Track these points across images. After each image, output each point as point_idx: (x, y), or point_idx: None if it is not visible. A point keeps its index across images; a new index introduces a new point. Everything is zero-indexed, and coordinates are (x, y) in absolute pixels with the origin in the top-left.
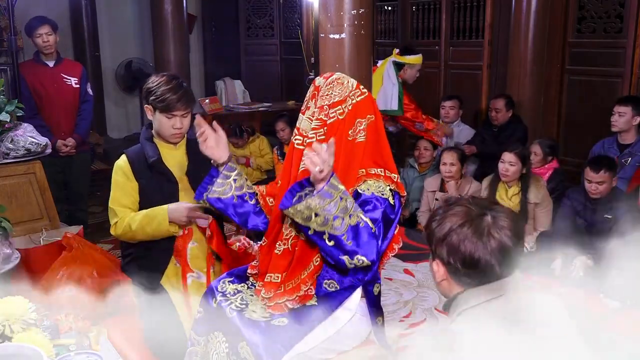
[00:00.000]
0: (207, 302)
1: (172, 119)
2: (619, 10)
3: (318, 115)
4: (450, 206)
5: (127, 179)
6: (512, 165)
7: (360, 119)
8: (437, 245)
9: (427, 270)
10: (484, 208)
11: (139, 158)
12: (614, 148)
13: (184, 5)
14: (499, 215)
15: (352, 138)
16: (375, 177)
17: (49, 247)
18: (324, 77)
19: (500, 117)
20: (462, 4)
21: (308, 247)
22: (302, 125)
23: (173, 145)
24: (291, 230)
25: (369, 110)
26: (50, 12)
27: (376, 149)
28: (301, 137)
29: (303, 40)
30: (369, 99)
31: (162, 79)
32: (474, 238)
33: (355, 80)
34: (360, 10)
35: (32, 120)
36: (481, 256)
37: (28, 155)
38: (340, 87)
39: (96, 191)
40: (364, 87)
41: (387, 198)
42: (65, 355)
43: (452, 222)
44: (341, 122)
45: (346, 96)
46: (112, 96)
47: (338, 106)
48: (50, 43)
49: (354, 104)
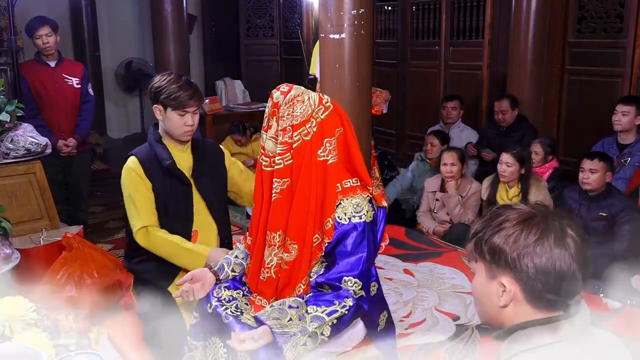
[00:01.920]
0: (202, 308)
1: (184, 116)
2: (619, 10)
3: (282, 138)
4: (509, 216)
5: (141, 180)
6: (509, 166)
7: (328, 139)
8: (508, 260)
9: (427, 270)
10: (544, 211)
11: (150, 160)
12: (613, 148)
13: (184, 5)
14: (560, 216)
15: (324, 159)
16: (351, 192)
17: (49, 247)
18: (281, 93)
19: (508, 117)
20: (462, 4)
21: (291, 276)
22: (267, 146)
23: (181, 147)
24: (272, 259)
25: (336, 124)
26: (50, 12)
27: (347, 159)
28: (268, 159)
29: (303, 40)
30: (334, 113)
31: (170, 77)
32: (559, 244)
33: (316, 95)
34: (360, 10)
35: (33, 120)
36: (568, 265)
37: (28, 155)
38: (301, 105)
39: (96, 191)
40: (327, 101)
41: (364, 221)
42: (65, 356)
43: (528, 232)
44: (308, 143)
45: (309, 116)
46: (112, 96)
47: (302, 127)
48: (50, 44)
49: (319, 123)
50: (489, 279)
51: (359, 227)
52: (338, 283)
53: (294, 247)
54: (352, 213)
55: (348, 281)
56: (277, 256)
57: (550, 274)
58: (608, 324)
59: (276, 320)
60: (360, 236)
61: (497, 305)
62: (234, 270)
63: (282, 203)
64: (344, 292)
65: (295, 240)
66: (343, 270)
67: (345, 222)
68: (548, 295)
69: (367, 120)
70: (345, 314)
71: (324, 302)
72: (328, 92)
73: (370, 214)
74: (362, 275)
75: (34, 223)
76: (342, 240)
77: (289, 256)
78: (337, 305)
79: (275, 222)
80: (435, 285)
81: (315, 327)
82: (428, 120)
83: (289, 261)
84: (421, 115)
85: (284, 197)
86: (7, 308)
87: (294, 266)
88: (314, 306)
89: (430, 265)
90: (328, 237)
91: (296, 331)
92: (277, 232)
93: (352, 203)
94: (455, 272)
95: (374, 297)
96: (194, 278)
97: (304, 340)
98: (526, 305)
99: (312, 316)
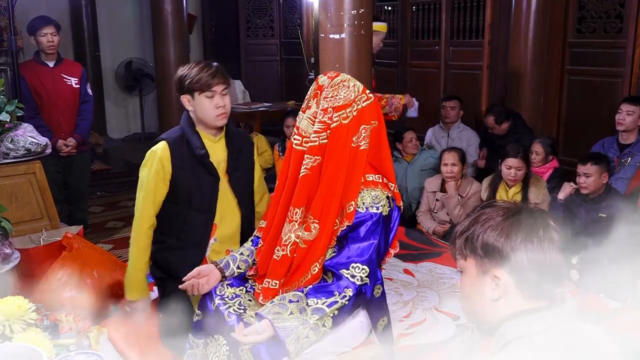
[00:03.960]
0: (205, 306)
1: (213, 98)
2: (619, 10)
3: (321, 117)
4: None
5: (162, 169)
6: (520, 170)
7: (365, 126)
8: (502, 254)
9: (427, 270)
10: (527, 207)
11: (182, 147)
12: (614, 148)
13: (184, 5)
14: (540, 212)
15: (356, 145)
16: (372, 185)
17: (49, 247)
18: (328, 77)
19: (497, 131)
20: (462, 4)
21: (307, 255)
22: (302, 125)
23: (214, 138)
24: (289, 237)
25: (373, 115)
26: (50, 12)
27: (376, 155)
28: (300, 137)
29: (303, 40)
30: (374, 105)
31: (192, 64)
32: (547, 237)
33: (361, 84)
34: (360, 10)
35: (32, 120)
36: (556, 256)
37: (28, 155)
38: (346, 90)
39: (96, 191)
40: (370, 92)
41: (380, 212)
42: (65, 355)
43: (519, 227)
44: (345, 127)
45: (352, 100)
46: (112, 96)
47: (342, 110)
48: (54, 43)
49: (359, 110)
50: (480, 274)
51: (374, 217)
52: (344, 269)
53: (316, 226)
54: (370, 203)
55: (356, 267)
56: (296, 233)
57: (542, 265)
58: (608, 324)
59: (277, 314)
60: (375, 225)
61: (490, 299)
62: (240, 267)
63: (310, 179)
64: (344, 281)
65: (317, 218)
66: (352, 255)
67: (363, 211)
68: (538, 286)
69: None
70: (346, 304)
71: (324, 293)
72: None
73: (386, 208)
74: (370, 262)
75: (34, 223)
76: (357, 227)
77: (309, 235)
78: (337, 296)
79: (300, 197)
80: (435, 285)
81: (316, 319)
82: (428, 120)
83: (307, 240)
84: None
85: (313, 174)
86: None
87: (312, 245)
88: (314, 298)
89: (430, 265)
90: (348, 220)
91: (297, 324)
92: (301, 207)
93: (370, 195)
94: (455, 272)
95: (377, 299)
96: (200, 273)
97: (306, 332)
98: (517, 297)
99: (312, 308)
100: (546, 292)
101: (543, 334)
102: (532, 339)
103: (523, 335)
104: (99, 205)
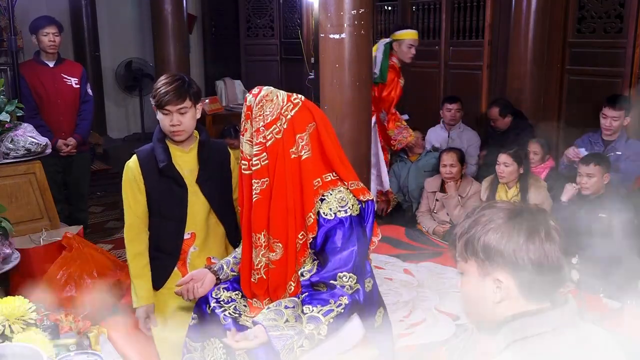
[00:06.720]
0: (200, 309)
1: (168, 115)
2: (619, 10)
3: (257, 139)
4: (499, 213)
5: (135, 181)
6: (507, 166)
7: (300, 134)
8: (504, 256)
9: (427, 270)
10: (528, 208)
11: (150, 159)
12: (599, 144)
13: (184, 5)
14: (540, 213)
15: (297, 156)
16: (332, 185)
17: (49, 247)
18: (252, 95)
19: (500, 124)
20: (462, 4)
21: (279, 275)
22: (245, 149)
23: (184, 148)
24: (260, 260)
25: (307, 119)
26: (50, 12)
27: (322, 158)
28: (246, 162)
29: (303, 40)
30: (303, 108)
31: (165, 78)
32: (548, 238)
33: (284, 93)
34: (360, 10)
35: (32, 120)
36: (557, 257)
37: (28, 155)
38: (271, 104)
39: (96, 191)
40: (296, 97)
41: (349, 215)
42: (65, 355)
43: (520, 228)
44: (280, 142)
45: (279, 114)
46: (112, 96)
47: (273, 125)
48: (55, 43)
49: (289, 120)
50: (481, 276)
51: (345, 222)
52: (333, 281)
53: (279, 246)
54: (337, 208)
55: (343, 277)
56: (265, 256)
57: (544, 267)
58: (608, 324)
59: (272, 321)
60: (349, 230)
61: (492, 301)
62: (234, 270)
63: (262, 203)
64: (338, 290)
65: (278, 238)
66: (337, 267)
67: (331, 218)
68: (540, 287)
69: (367, 120)
70: (341, 312)
71: (320, 301)
72: (328, 92)
73: (356, 207)
74: (355, 269)
75: (34, 223)
76: (330, 237)
77: (274, 255)
78: (332, 304)
79: (258, 222)
80: (435, 285)
81: (311, 329)
82: (428, 120)
83: (275, 260)
84: (421, 115)
85: (264, 197)
86: (7, 308)
87: (281, 265)
88: (309, 306)
89: (430, 265)
90: (312, 232)
91: (292, 333)
92: (262, 232)
93: (336, 198)
94: (455, 272)
95: (369, 293)
96: (193, 279)
97: (301, 342)
98: (519, 299)
99: (308, 317)
100: (548, 293)
101: (546, 335)
102: (535, 341)
103: (526, 336)
104: (99, 205)
